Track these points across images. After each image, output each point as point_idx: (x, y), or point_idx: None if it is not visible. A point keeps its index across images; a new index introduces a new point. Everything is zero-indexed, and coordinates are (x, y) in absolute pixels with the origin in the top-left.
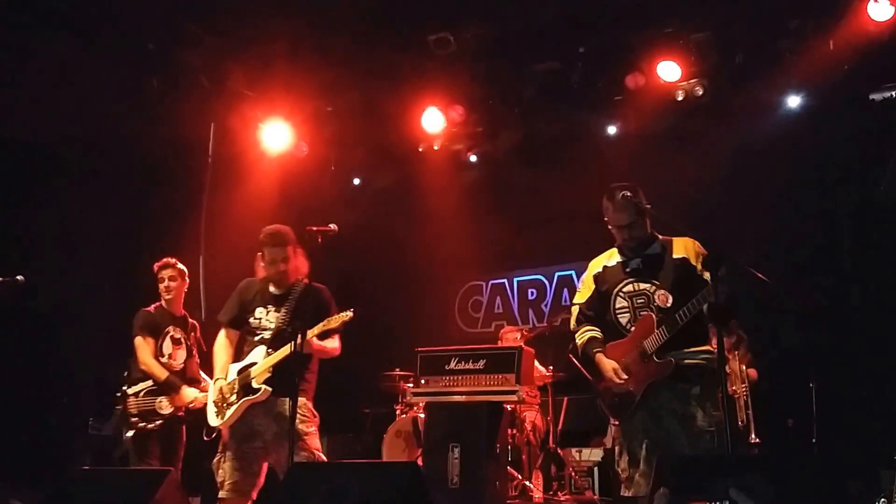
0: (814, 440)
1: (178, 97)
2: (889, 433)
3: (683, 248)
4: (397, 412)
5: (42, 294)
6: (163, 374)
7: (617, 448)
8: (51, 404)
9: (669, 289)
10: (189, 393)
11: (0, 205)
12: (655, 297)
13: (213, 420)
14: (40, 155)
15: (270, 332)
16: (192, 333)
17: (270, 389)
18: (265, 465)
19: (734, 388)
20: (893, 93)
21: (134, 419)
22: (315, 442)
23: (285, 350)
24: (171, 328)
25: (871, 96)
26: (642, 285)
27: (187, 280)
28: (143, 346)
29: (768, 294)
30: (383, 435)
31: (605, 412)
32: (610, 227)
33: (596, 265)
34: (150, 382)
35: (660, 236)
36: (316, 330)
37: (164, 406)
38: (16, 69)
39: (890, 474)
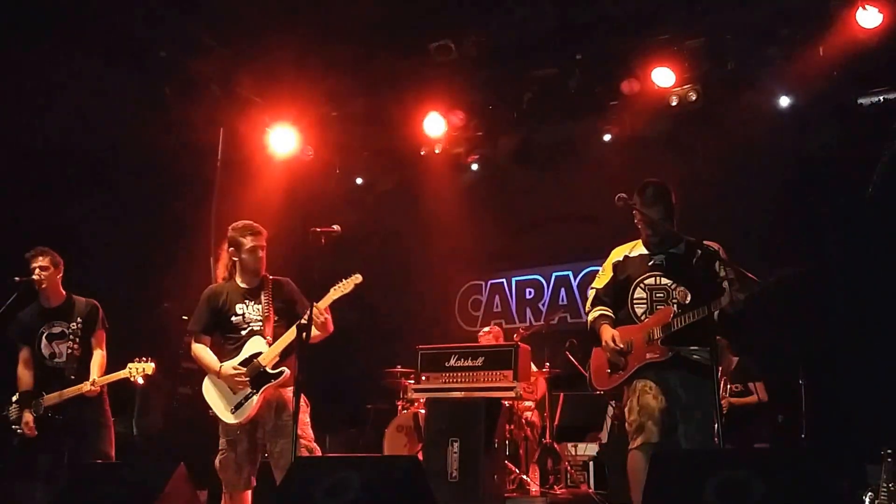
0: (803, 435)
1: (189, 103)
2: (876, 429)
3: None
4: (399, 408)
5: None
6: (21, 387)
7: (627, 403)
8: None
9: (689, 287)
10: (24, 416)
11: (20, 208)
12: (675, 293)
13: (229, 418)
14: (58, 160)
15: (260, 324)
16: (80, 318)
17: (288, 370)
18: (262, 453)
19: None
20: (881, 97)
21: (14, 427)
22: (309, 431)
23: (291, 333)
24: (45, 327)
25: (860, 100)
26: (664, 280)
27: (60, 266)
28: (21, 357)
29: (760, 294)
30: (385, 430)
31: (591, 384)
32: (637, 221)
33: (617, 254)
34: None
35: (686, 238)
36: (332, 296)
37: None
38: (34, 79)
39: (877, 469)
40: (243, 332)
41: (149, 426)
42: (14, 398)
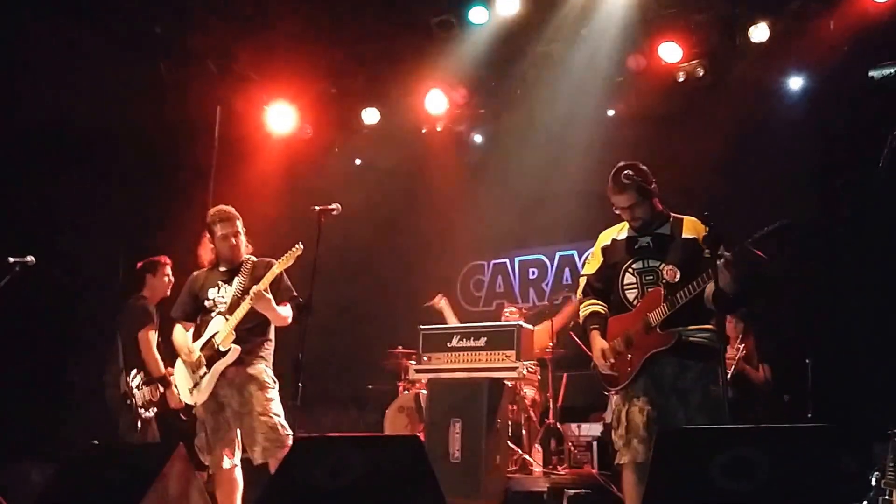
0: (809, 415)
1: (184, 80)
2: (883, 407)
3: (693, 228)
4: (400, 388)
5: (53, 274)
6: (158, 371)
7: (614, 416)
8: (63, 383)
9: (678, 266)
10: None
11: (12, 186)
12: (664, 272)
13: (187, 398)
14: (50, 138)
15: (226, 304)
16: None
17: (239, 348)
18: (239, 431)
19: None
20: (893, 70)
21: (141, 410)
22: (276, 407)
23: (245, 307)
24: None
25: (871, 73)
26: (652, 262)
27: None
28: (146, 341)
29: (768, 272)
30: (386, 410)
31: (600, 381)
32: (614, 209)
33: (605, 238)
34: (142, 374)
35: (672, 215)
36: (269, 277)
37: (157, 395)
38: (28, 53)
39: (884, 448)
40: (213, 315)
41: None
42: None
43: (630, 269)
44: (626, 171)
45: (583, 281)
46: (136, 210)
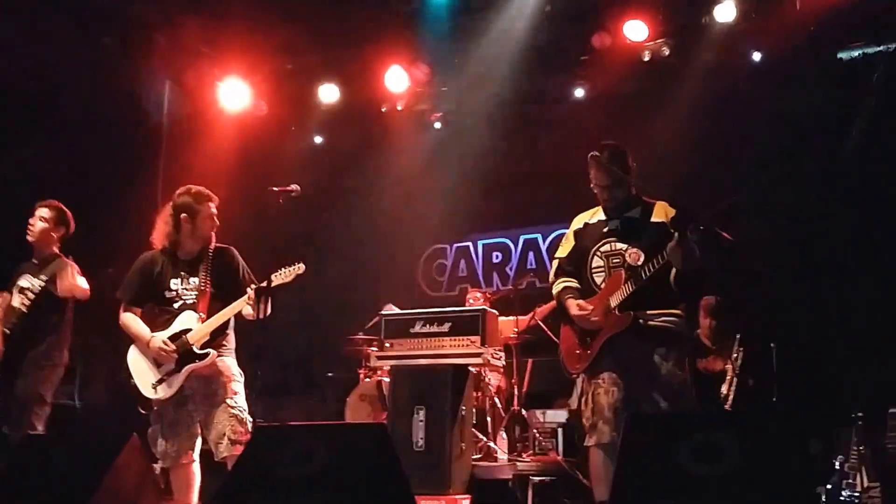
0: (774, 399)
1: (132, 55)
2: (848, 392)
3: (663, 212)
4: (361, 376)
5: None
6: None
7: (583, 399)
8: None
9: (643, 249)
10: None
11: None
12: (627, 255)
13: (151, 393)
14: None
15: (194, 298)
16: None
17: (216, 353)
18: (199, 426)
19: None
20: (861, 51)
21: None
22: (242, 401)
23: (224, 314)
24: (18, 278)
25: (839, 55)
26: (619, 245)
27: (63, 226)
28: None
29: (734, 256)
30: (346, 399)
31: (565, 367)
32: (592, 186)
33: (578, 221)
34: None
35: (644, 199)
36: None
37: None
38: None
39: (848, 433)
40: (176, 306)
41: (92, 397)
42: None
43: (598, 253)
44: (610, 150)
45: (555, 264)
46: (81, 189)
